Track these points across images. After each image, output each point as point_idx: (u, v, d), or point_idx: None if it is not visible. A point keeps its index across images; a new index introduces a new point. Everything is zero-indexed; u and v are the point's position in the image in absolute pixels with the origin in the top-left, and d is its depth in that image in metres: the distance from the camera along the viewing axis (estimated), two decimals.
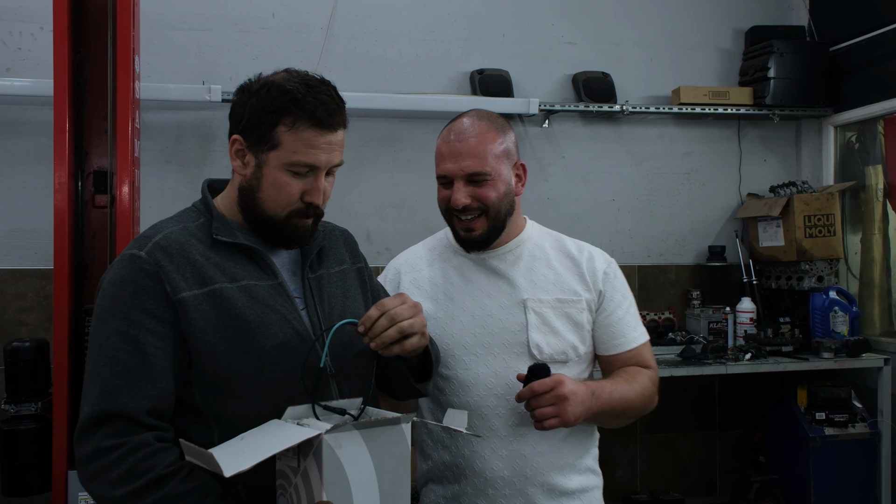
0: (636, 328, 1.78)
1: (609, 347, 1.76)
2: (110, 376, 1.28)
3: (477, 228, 1.69)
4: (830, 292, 3.54)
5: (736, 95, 3.80)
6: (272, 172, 1.36)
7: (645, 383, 1.73)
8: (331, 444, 1.14)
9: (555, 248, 1.79)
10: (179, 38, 3.46)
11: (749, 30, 3.94)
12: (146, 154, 3.30)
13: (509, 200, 1.71)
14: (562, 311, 1.72)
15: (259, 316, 1.36)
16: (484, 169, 1.65)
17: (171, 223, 1.41)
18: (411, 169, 3.66)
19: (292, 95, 1.33)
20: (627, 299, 1.79)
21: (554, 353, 1.69)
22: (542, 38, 3.79)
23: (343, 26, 3.58)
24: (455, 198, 1.66)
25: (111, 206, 2.76)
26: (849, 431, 3.41)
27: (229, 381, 1.33)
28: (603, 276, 1.76)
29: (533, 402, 1.54)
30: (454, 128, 1.71)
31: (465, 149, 1.65)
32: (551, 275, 1.75)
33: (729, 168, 3.99)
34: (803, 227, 3.57)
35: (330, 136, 1.36)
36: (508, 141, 1.72)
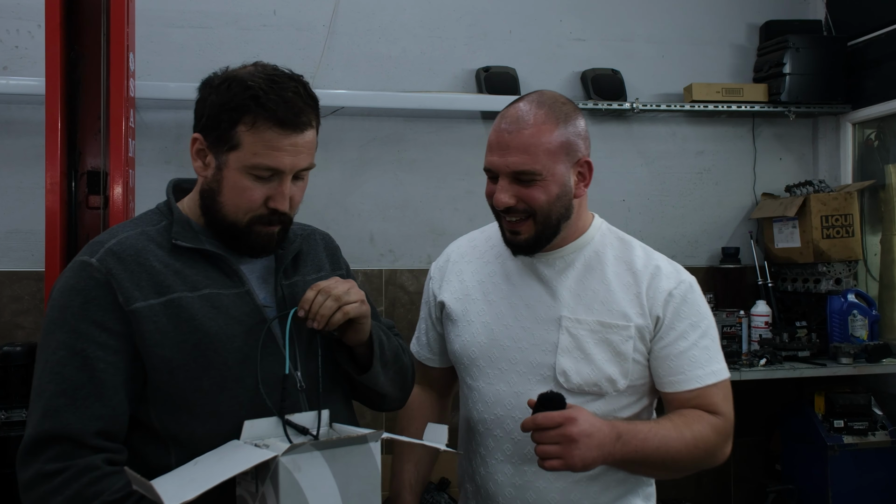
0: (704, 365, 1.48)
1: (665, 384, 1.50)
2: (55, 394, 1.18)
3: (523, 232, 1.47)
4: (849, 295, 3.41)
5: (750, 92, 3.68)
6: (233, 175, 1.26)
7: (703, 432, 1.44)
8: (288, 468, 1.05)
9: (617, 259, 1.54)
10: (179, 35, 3.39)
11: (763, 24, 3.82)
12: (145, 154, 3.24)
13: (563, 204, 1.46)
14: (602, 337, 1.48)
15: (221, 328, 1.26)
16: (533, 168, 1.42)
17: (128, 227, 1.32)
18: (415, 169, 3.58)
19: (253, 92, 1.23)
20: (698, 329, 1.50)
21: (583, 384, 1.47)
22: (549, 35, 3.70)
23: (346, 23, 3.51)
24: (497, 197, 1.45)
25: (104, 207, 2.70)
26: (868, 440, 3.28)
27: (188, 399, 1.23)
28: (666, 299, 1.49)
29: (535, 436, 1.34)
30: (508, 114, 1.47)
31: (515, 141, 1.42)
32: (602, 291, 1.51)
33: (743, 167, 3.88)
34: (820, 228, 3.45)
35: (295, 138, 1.25)
36: (571, 133, 1.46)
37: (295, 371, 1.30)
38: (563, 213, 1.48)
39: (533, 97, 1.48)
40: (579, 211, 1.54)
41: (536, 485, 1.48)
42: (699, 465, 1.49)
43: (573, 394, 1.46)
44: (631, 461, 1.40)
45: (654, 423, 1.46)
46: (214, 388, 1.24)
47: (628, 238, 1.60)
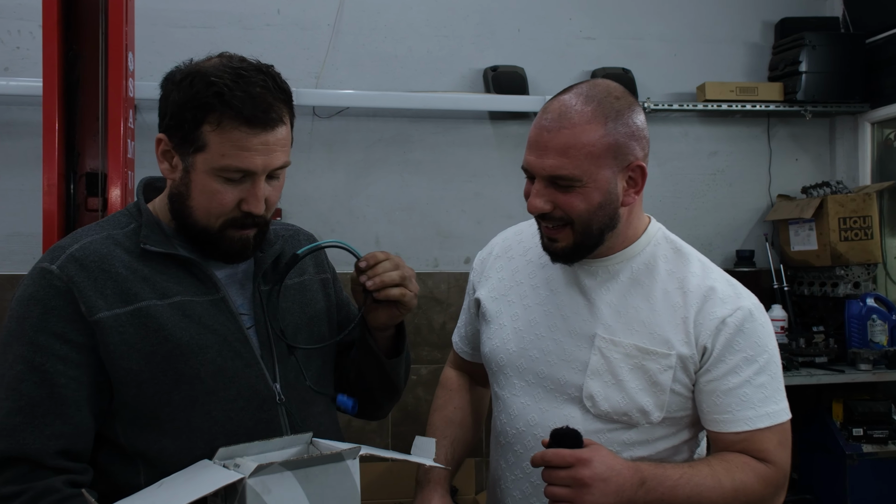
0: (757, 405, 1.29)
1: (709, 422, 1.33)
2: (11, 412, 1.10)
3: (560, 240, 1.33)
4: (868, 299, 3.31)
5: (765, 91, 3.59)
6: (201, 178, 1.17)
7: (746, 481, 1.27)
8: (256, 490, 0.97)
9: (670, 275, 1.36)
10: (182, 35, 3.35)
11: (779, 22, 3.73)
12: (147, 156, 3.16)
13: (607, 213, 1.30)
14: (637, 363, 1.32)
15: (193, 338, 1.17)
16: (571, 173, 1.26)
17: (94, 230, 1.23)
18: (422, 171, 3.51)
19: (217, 88, 1.13)
20: (754, 364, 1.30)
21: (612, 412, 1.32)
22: (559, 33, 3.63)
23: (350, 22, 3.45)
24: (531, 202, 1.31)
25: (103, 209, 2.65)
26: (889, 449, 3.18)
27: (157, 415, 1.16)
28: (718, 327, 1.30)
29: (545, 475, 1.21)
30: (550, 107, 1.31)
31: (553, 142, 1.26)
32: (645, 310, 1.34)
33: (758, 168, 3.78)
34: (838, 230, 3.35)
35: (265, 136, 1.15)
36: (622, 133, 1.27)
37: (273, 383, 1.23)
38: (607, 222, 1.31)
39: (582, 88, 1.31)
40: (629, 218, 1.36)
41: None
42: None
43: (600, 420, 1.33)
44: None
45: (689, 467, 1.29)
46: (185, 402, 1.16)
47: (687, 249, 1.41)
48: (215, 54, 1.21)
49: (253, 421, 1.19)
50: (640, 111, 1.33)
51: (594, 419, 1.33)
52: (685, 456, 1.41)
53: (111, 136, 2.57)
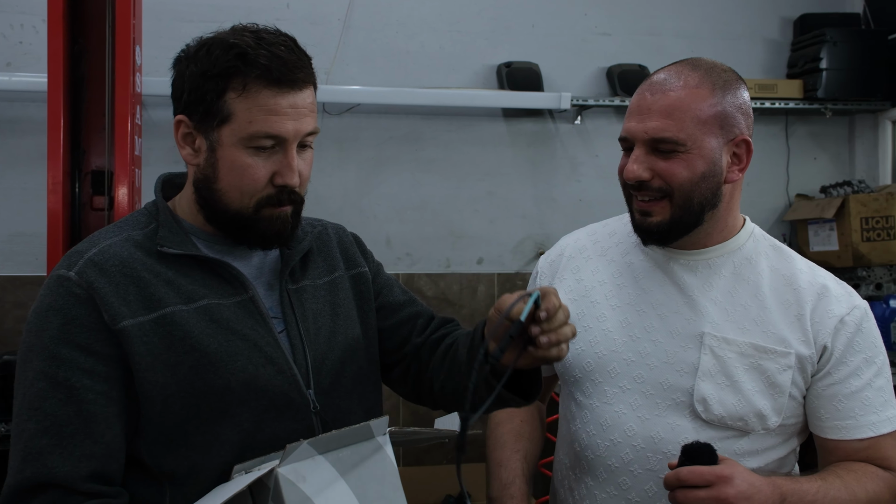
0: (879, 409, 1.24)
1: (828, 429, 1.25)
2: (36, 434, 1.01)
3: (655, 213, 1.24)
4: (891, 301, 3.24)
5: (784, 88, 3.51)
6: (229, 153, 1.08)
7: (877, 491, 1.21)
8: (290, 479, 0.89)
9: (775, 271, 1.29)
10: (189, 30, 3.20)
11: (798, 18, 3.65)
12: (153, 153, 3.12)
13: (710, 186, 1.22)
14: (754, 363, 1.24)
15: (222, 345, 1.09)
16: (676, 136, 1.20)
17: (111, 233, 1.14)
18: (434, 169, 3.43)
19: (239, 50, 1.05)
20: (873, 366, 1.25)
21: (727, 417, 1.23)
22: (574, 29, 3.55)
23: (362, 17, 3.37)
24: (629, 167, 1.23)
25: (109, 208, 2.58)
26: None
27: (185, 430, 1.07)
28: (837, 326, 1.24)
29: (680, 496, 1.11)
30: (655, 77, 1.27)
31: (658, 104, 1.21)
32: (755, 308, 1.27)
33: (776, 167, 3.71)
34: (860, 231, 3.28)
35: (294, 97, 1.08)
36: (729, 103, 1.23)
37: (307, 390, 1.15)
38: (709, 198, 1.24)
39: (686, 61, 1.29)
40: (731, 203, 1.29)
41: None
42: None
43: (711, 427, 1.24)
44: None
45: (821, 480, 1.21)
46: (215, 414, 1.08)
47: (787, 249, 1.36)
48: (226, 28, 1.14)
49: (286, 431, 1.11)
50: (746, 89, 1.28)
51: (704, 426, 1.24)
52: (790, 469, 1.32)
53: (118, 132, 2.50)
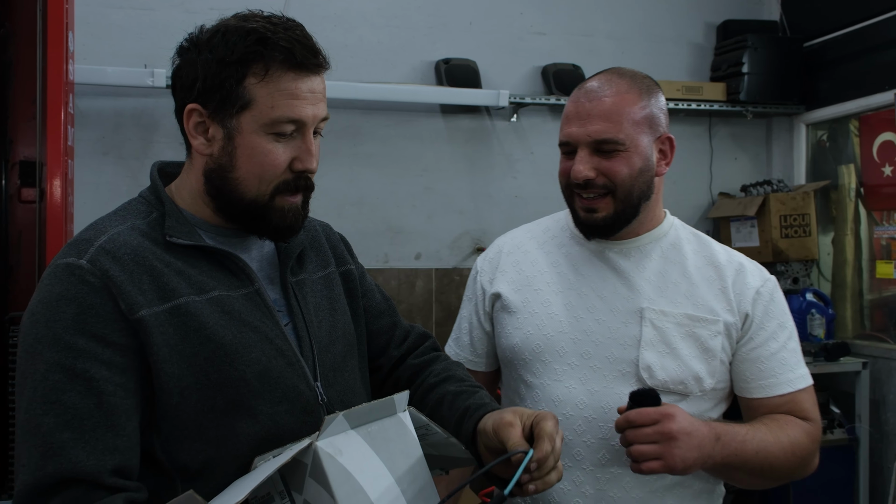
0: (794, 368, 1.38)
1: (753, 388, 1.38)
2: (57, 428, 0.96)
3: (600, 209, 1.36)
4: (807, 294, 3.44)
5: (709, 91, 3.67)
6: (249, 140, 1.07)
7: (798, 438, 1.34)
8: (329, 452, 0.88)
9: (696, 253, 1.43)
10: (118, 17, 3.15)
11: (721, 24, 3.82)
12: (79, 144, 2.99)
13: (645, 180, 1.37)
14: (689, 331, 1.36)
15: (236, 336, 1.06)
16: (616, 136, 1.33)
17: (115, 221, 1.10)
18: (372, 164, 3.43)
19: (259, 35, 1.04)
20: (786, 330, 1.39)
21: (669, 381, 1.34)
22: (510, 28, 3.61)
23: (299, 9, 3.32)
24: (576, 168, 1.34)
25: (40, 200, 2.46)
26: (827, 438, 3.30)
27: (200, 423, 1.04)
28: (754, 297, 1.38)
29: (630, 435, 1.23)
30: (587, 85, 1.40)
31: (597, 109, 1.34)
32: (684, 284, 1.40)
33: (700, 167, 3.87)
34: (779, 228, 3.46)
35: (312, 82, 1.08)
36: (654, 106, 1.38)
37: (315, 382, 1.14)
38: (645, 190, 1.38)
39: (612, 70, 1.42)
40: (658, 195, 1.44)
41: (610, 494, 1.34)
42: (792, 475, 1.39)
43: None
44: (729, 465, 1.30)
45: (750, 426, 1.34)
46: (230, 407, 1.05)
47: (704, 235, 1.50)
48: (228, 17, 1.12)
49: (298, 423, 1.09)
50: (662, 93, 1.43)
51: None
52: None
53: (51, 122, 2.38)
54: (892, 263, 3.45)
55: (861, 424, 3.32)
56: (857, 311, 3.67)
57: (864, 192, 3.59)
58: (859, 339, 3.57)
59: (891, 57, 3.33)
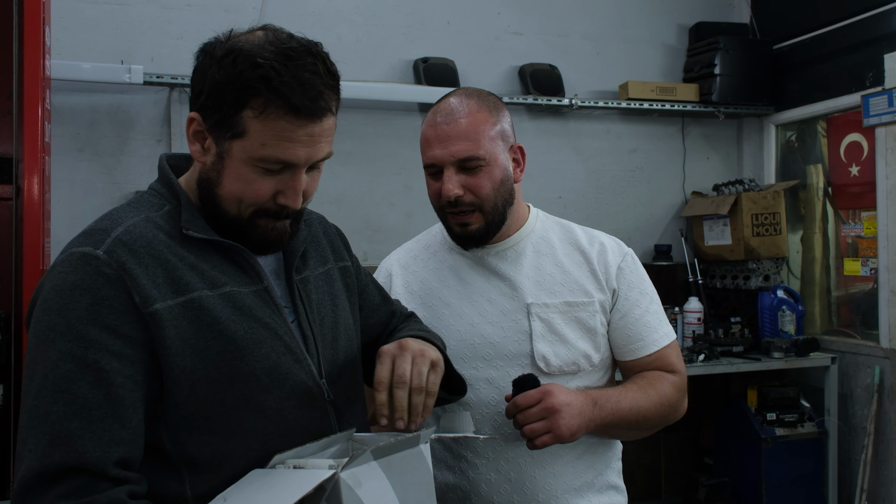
0: (657, 328, 1.56)
1: (626, 352, 1.55)
2: (65, 416, 0.96)
3: (473, 223, 1.48)
4: (778, 291, 3.52)
5: (682, 92, 3.74)
6: (236, 166, 1.07)
7: (665, 390, 1.52)
8: (349, 484, 0.90)
9: (563, 241, 1.58)
10: (93, 12, 3.11)
11: (694, 26, 3.89)
12: (54, 141, 2.95)
13: (507, 189, 1.50)
14: (571, 316, 1.51)
15: (247, 332, 1.07)
16: (478, 153, 1.44)
17: (130, 212, 1.10)
18: (351, 162, 3.43)
19: (263, 72, 1.02)
20: (647, 296, 1.57)
21: (563, 365, 1.49)
22: (488, 27, 3.63)
23: (277, 6, 3.31)
24: (446, 188, 1.45)
25: (16, 197, 2.41)
26: (798, 431, 3.39)
27: (209, 416, 1.05)
28: (617, 272, 1.54)
29: (520, 417, 1.36)
30: (440, 109, 1.49)
31: (455, 131, 1.44)
32: (559, 274, 1.54)
33: (673, 166, 3.93)
34: (751, 226, 3.54)
35: (312, 127, 1.05)
36: (503, 121, 1.51)
37: (321, 379, 1.15)
38: (508, 198, 1.51)
39: (459, 92, 1.53)
40: (518, 198, 1.56)
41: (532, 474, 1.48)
42: (665, 422, 1.56)
43: (553, 376, 1.49)
44: (608, 424, 1.45)
45: (622, 387, 1.51)
46: (240, 401, 1.06)
47: (565, 221, 1.64)
48: (258, 26, 1.10)
49: (306, 419, 1.11)
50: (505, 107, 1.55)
51: (546, 378, 1.47)
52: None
53: (27, 117, 2.34)
54: (858, 261, 3.55)
55: (830, 418, 3.40)
56: (826, 307, 3.76)
57: (832, 192, 3.68)
58: (827, 334, 3.66)
59: (857, 60, 3.43)
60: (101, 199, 3.05)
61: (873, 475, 3.27)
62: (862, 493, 3.27)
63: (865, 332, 3.49)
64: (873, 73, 3.34)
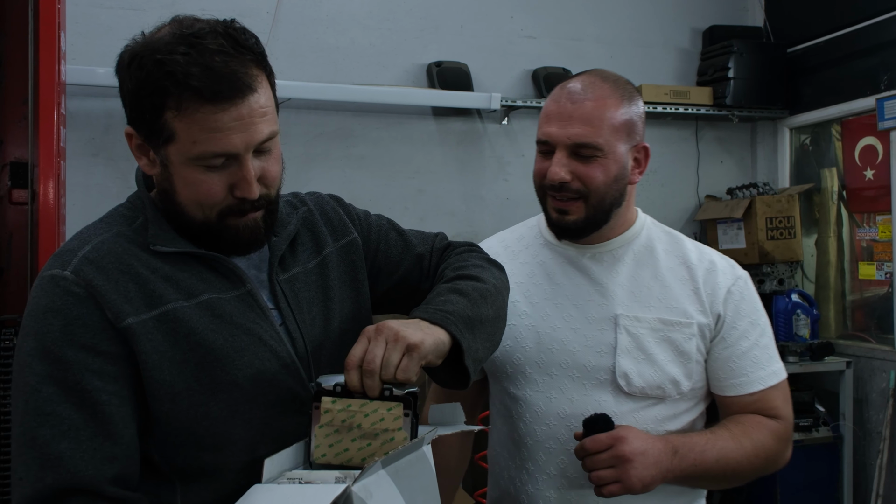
0: (765, 365, 1.38)
1: (725, 387, 1.38)
2: (53, 439, 0.94)
3: (572, 212, 1.35)
4: (792, 295, 3.49)
5: (696, 95, 3.72)
6: (180, 171, 1.02)
7: (762, 439, 1.35)
8: (361, 496, 0.88)
9: (668, 253, 1.43)
10: (108, 17, 3.12)
11: (707, 29, 3.88)
12: (69, 145, 2.94)
13: (619, 188, 1.36)
14: (664, 336, 1.36)
15: (227, 340, 1.03)
16: (595, 140, 1.31)
17: (100, 229, 1.07)
18: (365, 166, 3.43)
19: (168, 68, 0.95)
20: (758, 327, 1.39)
21: (647, 387, 1.35)
22: (501, 31, 3.63)
23: (291, 11, 3.32)
24: (553, 170, 1.33)
25: (32, 201, 2.43)
26: (813, 436, 3.36)
27: (194, 431, 1.02)
28: (725, 296, 1.38)
29: (588, 462, 1.25)
30: (569, 85, 1.37)
31: (578, 112, 1.32)
32: (657, 287, 1.39)
33: (687, 169, 3.92)
34: (765, 230, 3.52)
35: (237, 110, 0.98)
36: (634, 113, 1.36)
37: (310, 384, 1.12)
38: (617, 197, 1.37)
39: (595, 72, 1.39)
40: (629, 201, 1.43)
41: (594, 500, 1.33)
42: (759, 474, 1.40)
43: (634, 398, 1.36)
44: (690, 476, 1.31)
45: (711, 433, 1.36)
46: (224, 413, 1.03)
47: (676, 232, 1.49)
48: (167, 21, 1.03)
49: (294, 425, 1.07)
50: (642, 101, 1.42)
51: (626, 399, 1.35)
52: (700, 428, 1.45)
53: (43, 122, 2.35)
54: (873, 265, 3.53)
55: (845, 422, 3.38)
56: (840, 311, 3.74)
57: (847, 195, 3.66)
58: (842, 338, 3.64)
59: (871, 63, 3.41)
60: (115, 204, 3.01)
61: (889, 480, 3.25)
62: (877, 498, 3.24)
63: (881, 336, 3.47)
64: (888, 77, 3.32)
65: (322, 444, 1.00)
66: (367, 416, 1.00)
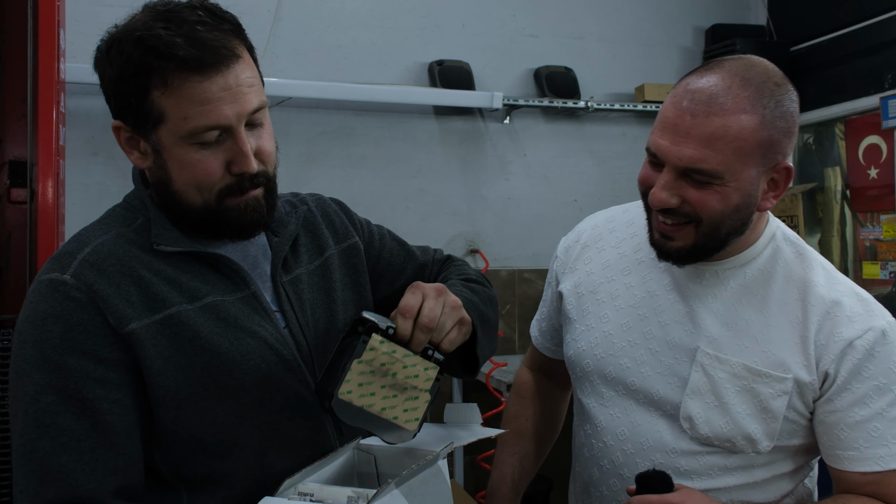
0: (891, 442, 1.11)
1: (831, 457, 1.15)
2: (53, 452, 0.91)
3: (677, 239, 1.14)
4: None
5: None
6: (174, 154, 0.99)
7: None
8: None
9: (788, 283, 1.18)
10: (108, 15, 3.02)
11: (710, 28, 3.86)
12: (69, 144, 2.94)
13: (741, 218, 1.12)
14: (746, 385, 1.14)
15: (233, 344, 1.01)
16: (715, 168, 1.06)
17: (99, 230, 1.04)
18: (366, 165, 3.41)
19: (149, 44, 0.94)
20: (888, 394, 1.11)
21: (713, 437, 1.15)
22: (503, 30, 3.61)
23: (292, 9, 3.30)
24: (655, 193, 1.10)
25: (31, 200, 2.41)
26: None
27: (201, 437, 1.00)
28: (844, 351, 1.12)
29: None
30: (698, 86, 1.08)
31: (698, 129, 1.06)
32: (758, 325, 1.16)
33: None
34: None
35: (224, 79, 0.96)
36: (778, 127, 1.07)
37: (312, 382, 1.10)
38: (737, 227, 1.13)
39: (737, 66, 1.09)
40: (756, 225, 1.19)
41: None
42: None
43: (699, 443, 1.18)
44: None
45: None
46: (232, 419, 1.01)
47: (810, 253, 1.22)
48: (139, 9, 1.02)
49: (302, 430, 1.06)
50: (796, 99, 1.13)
51: (693, 443, 1.19)
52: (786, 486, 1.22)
53: (42, 121, 2.33)
54: (877, 264, 3.50)
55: None
56: None
57: (850, 195, 3.63)
58: None
59: (875, 62, 3.39)
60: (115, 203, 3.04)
61: None
62: None
63: None
64: (892, 75, 3.30)
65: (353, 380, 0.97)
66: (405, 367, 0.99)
